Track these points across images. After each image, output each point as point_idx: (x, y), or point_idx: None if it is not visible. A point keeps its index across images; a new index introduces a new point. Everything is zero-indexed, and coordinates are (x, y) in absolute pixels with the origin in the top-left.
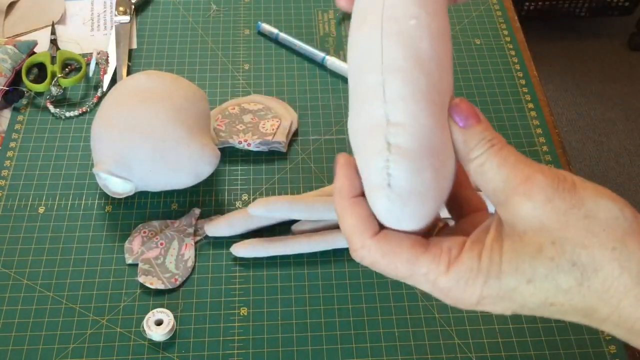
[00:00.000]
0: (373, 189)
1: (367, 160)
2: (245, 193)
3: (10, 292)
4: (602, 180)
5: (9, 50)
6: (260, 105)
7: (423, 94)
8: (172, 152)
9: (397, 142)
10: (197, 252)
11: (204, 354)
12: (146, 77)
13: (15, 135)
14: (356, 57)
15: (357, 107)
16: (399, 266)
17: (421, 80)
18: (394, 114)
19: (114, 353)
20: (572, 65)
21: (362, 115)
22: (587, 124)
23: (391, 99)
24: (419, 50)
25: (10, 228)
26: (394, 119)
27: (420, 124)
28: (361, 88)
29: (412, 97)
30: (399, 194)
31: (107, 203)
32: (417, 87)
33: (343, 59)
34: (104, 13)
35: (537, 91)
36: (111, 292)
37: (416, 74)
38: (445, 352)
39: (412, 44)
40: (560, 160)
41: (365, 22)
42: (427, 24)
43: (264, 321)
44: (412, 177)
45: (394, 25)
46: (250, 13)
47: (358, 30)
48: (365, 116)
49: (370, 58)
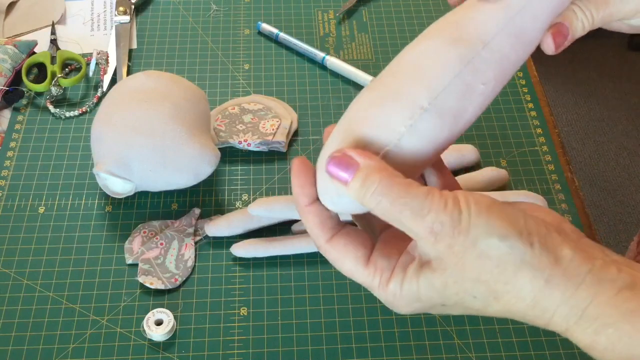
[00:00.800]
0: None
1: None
2: (245, 193)
3: (10, 292)
4: (602, 180)
5: (9, 50)
6: (260, 105)
7: (435, 144)
8: (172, 152)
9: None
10: (197, 252)
11: (204, 354)
12: (146, 77)
13: (15, 135)
14: (423, 60)
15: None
16: (344, 272)
17: (443, 135)
18: (406, 141)
19: (114, 353)
20: (572, 65)
21: (386, 105)
22: (587, 124)
23: (416, 129)
24: (463, 112)
25: (10, 228)
26: (403, 144)
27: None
28: (405, 87)
29: (427, 141)
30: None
31: (107, 203)
32: (437, 137)
33: (343, 59)
34: (104, 13)
35: (537, 91)
36: (111, 292)
37: (445, 129)
38: (445, 352)
39: (465, 103)
40: (560, 160)
41: (453, 47)
42: (487, 93)
43: (264, 321)
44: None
45: (469, 76)
46: (250, 13)
47: (442, 44)
48: (388, 111)
49: (432, 79)
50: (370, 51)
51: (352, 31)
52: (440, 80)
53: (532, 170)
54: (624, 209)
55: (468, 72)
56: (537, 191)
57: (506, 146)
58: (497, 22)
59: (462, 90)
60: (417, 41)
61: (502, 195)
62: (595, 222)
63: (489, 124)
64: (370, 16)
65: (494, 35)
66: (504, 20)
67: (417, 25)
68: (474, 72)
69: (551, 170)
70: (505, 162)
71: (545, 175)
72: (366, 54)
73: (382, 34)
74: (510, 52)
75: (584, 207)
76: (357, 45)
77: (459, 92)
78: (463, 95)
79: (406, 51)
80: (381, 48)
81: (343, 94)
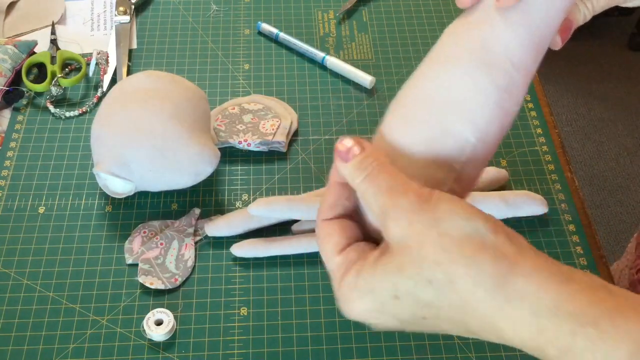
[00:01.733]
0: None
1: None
2: (245, 193)
3: (10, 292)
4: (602, 180)
5: (9, 50)
6: (260, 105)
7: (484, 166)
8: (172, 152)
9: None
10: (197, 252)
11: (204, 354)
12: (146, 77)
13: (15, 135)
14: (458, 90)
15: (432, 130)
16: (323, 255)
17: (488, 158)
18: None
19: (114, 353)
20: (572, 65)
21: (435, 144)
22: (587, 124)
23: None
24: (501, 134)
25: (10, 228)
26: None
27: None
28: (448, 123)
29: (479, 168)
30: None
31: (107, 203)
32: (485, 161)
33: (343, 59)
34: (104, 13)
35: (537, 91)
36: (111, 292)
37: (490, 153)
38: (445, 352)
39: (504, 128)
40: (560, 160)
41: (486, 74)
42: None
43: (264, 321)
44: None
45: (507, 102)
46: (250, 13)
47: (474, 70)
48: (440, 150)
49: (474, 109)
50: (370, 51)
51: (352, 31)
52: (482, 112)
53: (532, 170)
54: (624, 209)
55: (506, 99)
56: (537, 191)
57: (506, 146)
58: (520, 39)
59: (502, 117)
60: (443, 65)
61: (502, 195)
62: (595, 222)
63: None
64: (370, 16)
65: (520, 53)
66: (526, 34)
67: (417, 25)
68: (510, 96)
69: (551, 170)
70: (505, 162)
71: (545, 175)
72: (366, 54)
73: (382, 34)
74: (533, 66)
75: (584, 207)
76: (357, 45)
77: (500, 119)
78: (502, 122)
79: (432, 76)
80: (381, 48)
81: (343, 94)
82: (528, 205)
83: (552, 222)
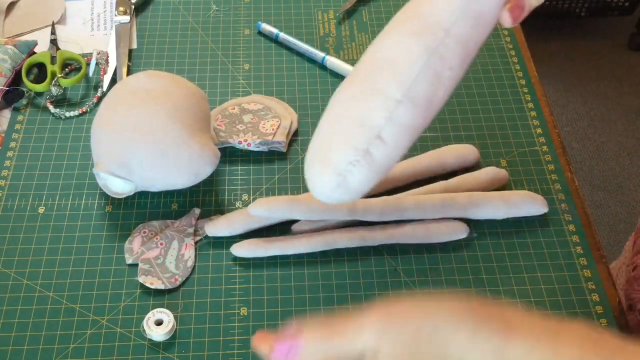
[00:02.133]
0: (327, 165)
1: (339, 139)
2: (245, 193)
3: (10, 292)
4: (602, 180)
5: (9, 50)
6: (260, 105)
7: (415, 131)
8: (172, 152)
9: (374, 153)
10: (197, 252)
11: (204, 354)
12: (146, 77)
13: (15, 135)
14: (391, 54)
15: (363, 90)
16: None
17: (420, 122)
18: (387, 133)
19: (114, 353)
20: (572, 65)
21: (362, 102)
22: (587, 124)
23: (394, 120)
24: (435, 97)
25: (10, 228)
26: (385, 136)
27: (398, 151)
28: (379, 82)
29: (408, 130)
30: (346, 187)
31: (107, 203)
32: (416, 124)
33: (343, 59)
34: (104, 13)
35: (537, 91)
36: (111, 292)
37: (421, 115)
38: None
39: (436, 89)
40: (560, 160)
41: (418, 38)
42: (454, 77)
43: (264, 321)
44: (363, 184)
45: (437, 63)
46: (250, 13)
47: (407, 37)
48: (365, 107)
49: (402, 72)
50: None
51: (352, 31)
52: (409, 72)
53: (532, 170)
54: (624, 209)
55: (435, 61)
56: (537, 191)
57: (506, 146)
58: (455, 8)
59: (431, 78)
60: (386, 34)
61: (502, 195)
62: (595, 222)
63: (489, 124)
64: (370, 16)
65: (454, 21)
66: (462, 4)
67: None
68: (440, 59)
69: (551, 170)
70: (505, 162)
71: (545, 175)
72: None
73: None
74: (471, 34)
75: (584, 207)
76: (357, 45)
77: (429, 80)
78: (432, 82)
79: (377, 44)
80: None
81: None
82: (528, 205)
83: (552, 222)
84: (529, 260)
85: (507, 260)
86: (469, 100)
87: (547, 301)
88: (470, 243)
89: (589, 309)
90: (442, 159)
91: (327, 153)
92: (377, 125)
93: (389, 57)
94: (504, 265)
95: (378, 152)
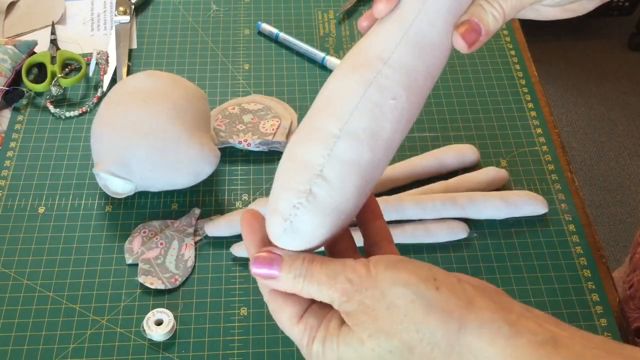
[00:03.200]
0: (276, 213)
1: (284, 185)
2: (245, 193)
3: (10, 292)
4: (602, 180)
5: (9, 50)
6: (260, 105)
7: (360, 167)
8: (172, 152)
9: (317, 193)
10: (197, 252)
11: (204, 354)
12: (146, 77)
13: (15, 135)
14: (332, 94)
15: (305, 133)
16: (281, 326)
17: (365, 156)
18: (329, 170)
19: (114, 353)
20: (572, 65)
21: (304, 144)
22: (587, 124)
23: (334, 157)
24: (381, 130)
25: (10, 228)
26: (327, 174)
27: (344, 190)
28: (318, 122)
29: (350, 166)
30: (294, 232)
31: (107, 203)
32: (362, 159)
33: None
34: (104, 13)
35: (537, 91)
36: (111, 292)
37: (365, 150)
38: None
39: (379, 121)
40: (560, 160)
41: (355, 73)
42: (401, 107)
43: (264, 321)
44: (312, 226)
45: (375, 94)
46: (250, 13)
47: (347, 74)
48: (307, 148)
49: (340, 108)
50: None
51: (352, 31)
52: (347, 106)
53: (532, 170)
54: (624, 209)
55: (373, 91)
56: (537, 191)
57: (506, 146)
58: (393, 38)
59: (372, 110)
60: (332, 74)
61: (502, 195)
62: (595, 222)
63: (489, 124)
64: None
65: (393, 50)
66: (400, 33)
67: None
68: (379, 89)
69: (551, 170)
70: (505, 162)
71: (545, 175)
72: None
73: None
74: (415, 61)
75: (584, 207)
76: None
77: (369, 112)
78: (374, 114)
79: (324, 86)
80: None
81: None
82: (528, 205)
83: (552, 222)
84: (529, 260)
85: (507, 260)
86: (469, 100)
87: (547, 301)
88: (470, 243)
89: (589, 309)
90: (442, 159)
91: (276, 201)
92: (318, 163)
93: (330, 95)
94: (504, 265)
95: (322, 192)
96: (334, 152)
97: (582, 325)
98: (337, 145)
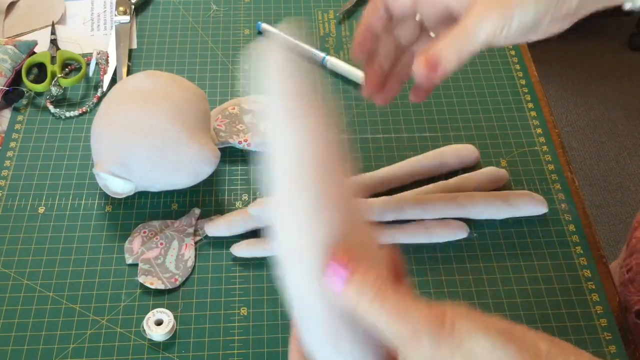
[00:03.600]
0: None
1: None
2: (245, 193)
3: (10, 292)
4: (602, 180)
5: (9, 50)
6: (261, 105)
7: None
8: (172, 152)
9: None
10: (197, 252)
11: (204, 354)
12: (146, 77)
13: (15, 135)
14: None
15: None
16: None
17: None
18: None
19: (114, 353)
20: (572, 65)
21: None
22: (587, 124)
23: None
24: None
25: (10, 228)
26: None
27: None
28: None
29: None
30: None
31: (107, 203)
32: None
33: (343, 59)
34: (104, 13)
35: (537, 91)
36: (111, 292)
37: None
38: None
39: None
40: (560, 160)
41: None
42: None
43: (264, 321)
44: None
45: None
46: (250, 13)
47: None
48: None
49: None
50: None
51: (352, 31)
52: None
53: (532, 170)
54: (624, 209)
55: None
56: (537, 191)
57: (506, 146)
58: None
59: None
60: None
61: (502, 195)
62: (595, 222)
63: (489, 124)
64: None
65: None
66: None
67: None
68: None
69: (551, 170)
70: (505, 162)
71: (545, 175)
72: None
73: None
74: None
75: (584, 207)
76: None
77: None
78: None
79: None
80: None
81: (343, 94)
82: (528, 205)
83: (552, 222)
84: (529, 260)
85: (507, 260)
86: (469, 100)
87: (547, 301)
88: (470, 243)
89: (589, 309)
90: (442, 159)
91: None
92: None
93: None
94: (504, 265)
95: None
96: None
97: (582, 325)
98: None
